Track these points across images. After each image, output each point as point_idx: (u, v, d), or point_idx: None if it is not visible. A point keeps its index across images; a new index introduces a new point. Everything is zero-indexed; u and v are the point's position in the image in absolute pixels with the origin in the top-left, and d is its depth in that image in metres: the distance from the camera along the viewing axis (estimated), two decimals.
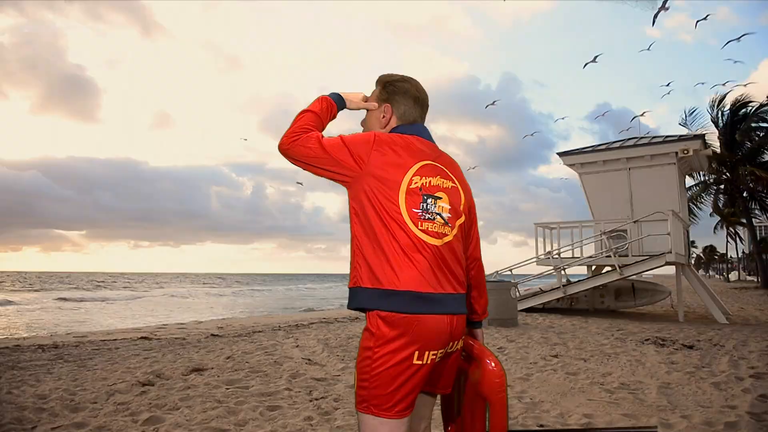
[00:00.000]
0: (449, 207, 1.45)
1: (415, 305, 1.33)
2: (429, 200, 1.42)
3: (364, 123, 1.67)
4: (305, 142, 1.45)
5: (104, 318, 16.17)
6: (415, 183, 1.42)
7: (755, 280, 39.20)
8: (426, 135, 1.56)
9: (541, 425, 3.20)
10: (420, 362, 1.32)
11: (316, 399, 3.82)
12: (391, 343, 1.31)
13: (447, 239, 1.42)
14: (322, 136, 1.47)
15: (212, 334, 8.19)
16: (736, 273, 55.85)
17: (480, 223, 1.68)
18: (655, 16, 8.59)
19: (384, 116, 1.59)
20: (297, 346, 6.39)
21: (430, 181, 1.44)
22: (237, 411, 3.46)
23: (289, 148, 1.46)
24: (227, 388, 4.12)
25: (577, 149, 13.39)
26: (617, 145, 12.85)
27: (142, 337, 7.85)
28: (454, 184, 1.50)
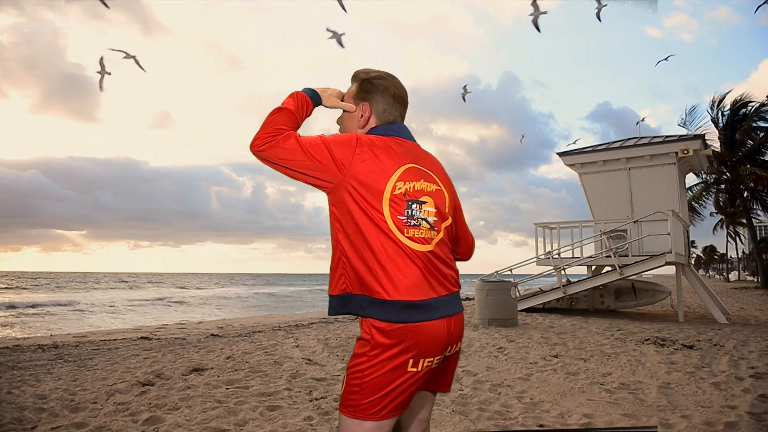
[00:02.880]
0: (435, 210, 1.40)
1: (410, 314, 1.29)
2: (414, 206, 1.37)
3: (340, 122, 1.58)
4: (282, 143, 1.35)
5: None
6: (399, 189, 1.36)
7: (755, 280, 39.21)
8: (406, 135, 1.50)
9: (541, 425, 3.20)
10: (414, 369, 1.30)
11: (316, 399, 3.82)
12: (386, 351, 1.29)
13: (435, 243, 1.38)
14: (300, 136, 1.38)
15: (212, 334, 8.19)
16: (736, 273, 55.86)
17: (480, 223, 1.68)
18: (598, 13, 8.61)
19: (362, 116, 1.51)
20: (297, 346, 6.39)
21: (413, 186, 1.39)
22: (237, 411, 3.46)
23: (263, 149, 1.35)
24: (227, 388, 4.12)
25: (577, 149, 13.38)
26: (617, 145, 12.85)
27: (142, 337, 7.86)
28: (438, 187, 1.45)
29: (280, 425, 3.19)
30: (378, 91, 1.50)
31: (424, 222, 1.37)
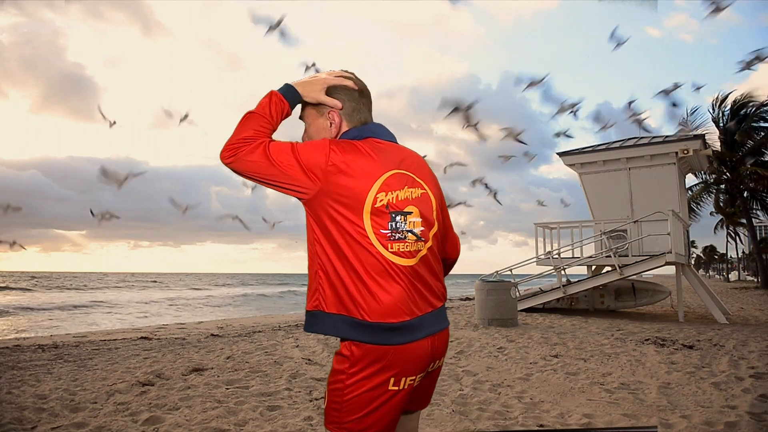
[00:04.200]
0: (420, 220, 1.30)
1: (389, 337, 1.21)
2: (398, 218, 1.26)
3: (306, 137, 1.41)
4: (247, 155, 1.24)
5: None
6: (381, 201, 1.25)
7: (755, 280, 39.21)
8: (384, 134, 1.38)
9: (541, 425, 3.20)
10: (396, 388, 1.23)
11: (316, 399, 3.82)
12: (366, 369, 1.21)
13: (421, 255, 1.29)
14: (270, 143, 1.26)
15: (212, 334, 8.19)
16: (736, 273, 55.87)
17: (480, 223, 1.66)
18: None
19: (332, 124, 1.36)
20: (297, 346, 6.39)
21: (396, 196, 1.27)
22: (237, 411, 3.46)
23: (232, 161, 1.25)
24: (227, 388, 4.12)
25: (577, 149, 13.38)
26: (617, 145, 12.85)
27: (142, 337, 7.86)
28: (423, 190, 1.34)
29: (280, 425, 3.19)
30: (340, 89, 1.36)
31: (409, 234, 1.27)
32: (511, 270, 12.01)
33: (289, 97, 1.35)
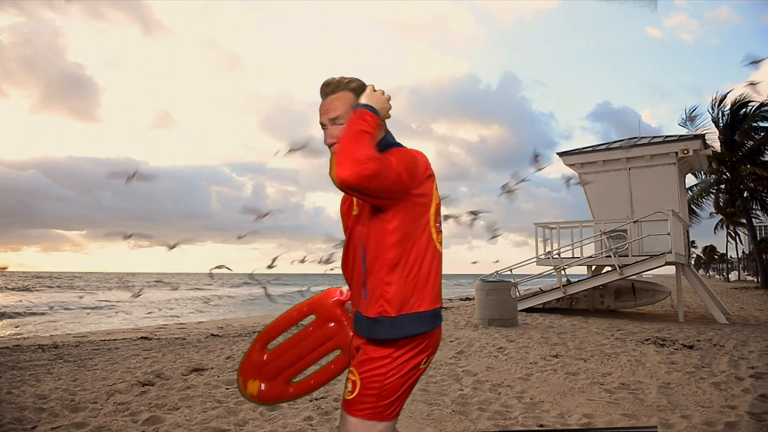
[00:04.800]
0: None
1: (437, 321, 1.39)
2: (441, 214, 1.44)
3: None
4: (385, 172, 1.21)
5: None
6: (436, 198, 1.40)
7: (755, 280, 39.20)
8: None
9: (541, 425, 3.20)
10: (424, 367, 1.38)
11: (316, 399, 3.82)
12: (409, 351, 1.34)
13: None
14: (383, 159, 1.27)
15: (212, 334, 8.19)
16: (736, 273, 55.86)
17: (480, 223, 1.74)
18: None
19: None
20: None
21: (438, 194, 1.43)
22: (237, 411, 3.46)
23: (363, 183, 1.18)
24: (227, 388, 4.12)
25: (577, 149, 13.38)
26: (617, 145, 12.85)
27: (142, 337, 7.85)
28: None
29: (280, 425, 3.19)
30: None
31: (442, 225, 1.45)
32: (511, 270, 12.01)
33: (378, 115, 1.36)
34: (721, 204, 30.00)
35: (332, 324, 1.71)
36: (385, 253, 1.31)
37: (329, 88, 1.40)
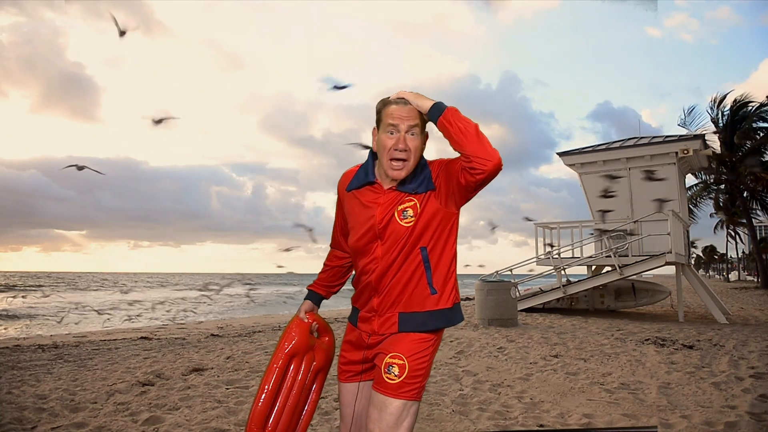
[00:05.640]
0: None
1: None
2: None
3: (416, 150, 1.49)
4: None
5: None
6: None
7: (755, 280, 39.19)
8: None
9: (541, 425, 3.20)
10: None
11: None
12: (440, 338, 1.57)
13: None
14: None
15: (212, 334, 8.19)
16: (736, 273, 55.84)
17: (480, 223, 1.81)
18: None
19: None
20: None
21: None
22: (237, 411, 3.46)
23: (497, 173, 1.38)
24: (227, 388, 4.12)
25: (577, 149, 13.37)
26: (617, 145, 12.85)
27: (142, 337, 7.85)
28: None
29: None
30: None
31: None
32: (511, 270, 12.01)
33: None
34: (721, 204, 29.99)
35: (313, 353, 1.81)
36: (449, 250, 1.52)
37: (404, 100, 1.49)
